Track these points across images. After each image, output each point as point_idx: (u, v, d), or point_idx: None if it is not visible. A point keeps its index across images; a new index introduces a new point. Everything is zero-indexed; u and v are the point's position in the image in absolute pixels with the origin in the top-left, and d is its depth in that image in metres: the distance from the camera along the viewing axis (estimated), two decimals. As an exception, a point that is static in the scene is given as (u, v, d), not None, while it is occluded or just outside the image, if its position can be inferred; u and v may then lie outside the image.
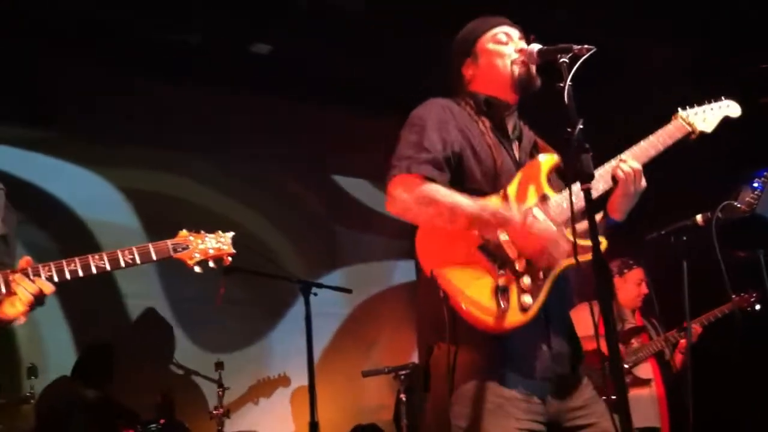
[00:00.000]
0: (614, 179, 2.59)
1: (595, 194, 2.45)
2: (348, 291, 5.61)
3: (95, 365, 5.11)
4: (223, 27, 5.62)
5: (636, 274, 5.15)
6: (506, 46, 2.70)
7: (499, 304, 2.33)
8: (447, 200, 2.42)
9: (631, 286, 5.13)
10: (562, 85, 2.30)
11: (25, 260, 2.40)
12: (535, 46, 2.61)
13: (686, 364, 4.74)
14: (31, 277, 2.34)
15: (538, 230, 2.41)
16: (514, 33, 2.74)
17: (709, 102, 2.90)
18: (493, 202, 2.48)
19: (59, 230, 5.54)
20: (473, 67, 2.73)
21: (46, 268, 2.37)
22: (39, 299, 2.35)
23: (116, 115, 5.75)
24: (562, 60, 2.36)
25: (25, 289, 2.32)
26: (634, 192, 2.60)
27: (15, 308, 2.36)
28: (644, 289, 5.12)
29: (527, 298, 2.37)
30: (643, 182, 2.61)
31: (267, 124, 6.38)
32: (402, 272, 6.80)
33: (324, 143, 6.66)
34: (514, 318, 2.35)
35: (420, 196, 2.43)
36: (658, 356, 5.00)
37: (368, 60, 5.92)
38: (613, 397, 2.19)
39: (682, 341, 4.96)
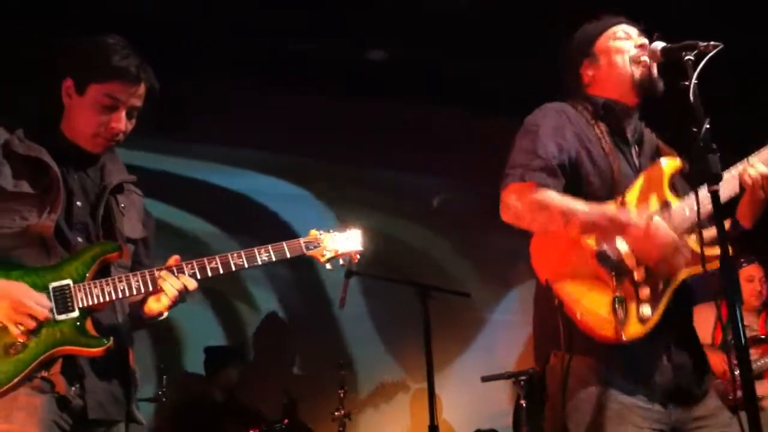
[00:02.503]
0: (741, 185, 2.48)
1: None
2: (467, 295, 5.61)
3: (224, 366, 5.31)
4: (338, 34, 5.73)
5: (749, 271, 4.89)
6: (626, 44, 2.64)
7: (616, 315, 2.28)
8: (560, 205, 2.39)
9: (742, 284, 4.85)
10: (687, 83, 2.24)
11: (173, 258, 2.51)
12: (659, 44, 2.54)
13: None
14: (176, 274, 2.46)
15: (658, 237, 2.34)
16: (633, 31, 2.67)
17: None
18: (610, 207, 2.43)
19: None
20: (592, 68, 2.67)
21: (189, 265, 2.48)
22: (182, 295, 2.46)
23: (239, 122, 5.96)
24: (687, 58, 2.29)
25: (171, 286, 2.44)
26: (763, 198, 2.47)
27: (160, 304, 2.48)
28: (758, 287, 4.85)
29: (646, 309, 2.32)
30: None
31: (390, 128, 6.44)
32: (521, 276, 6.73)
33: (442, 145, 6.66)
34: (633, 329, 2.30)
35: (532, 203, 2.41)
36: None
37: (485, 61, 5.90)
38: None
39: None
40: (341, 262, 2.64)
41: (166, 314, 2.55)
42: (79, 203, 2.51)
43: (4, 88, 4.81)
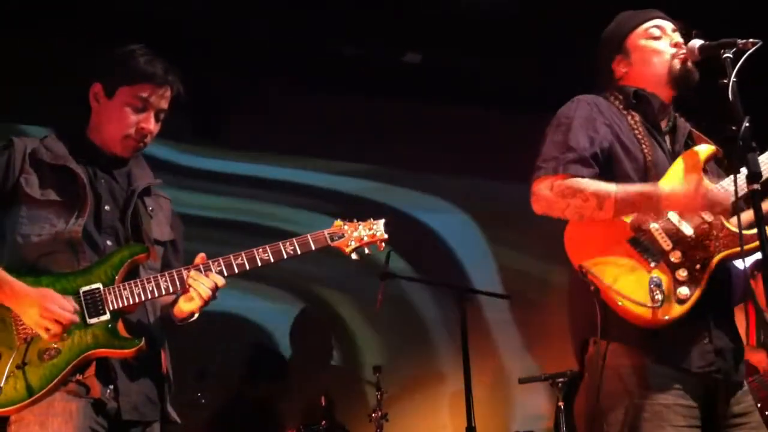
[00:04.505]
0: None
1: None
2: (505, 297, 5.57)
3: (264, 367, 5.35)
4: (376, 37, 5.73)
5: None
6: (660, 41, 2.61)
7: (654, 297, 2.25)
8: (593, 188, 2.38)
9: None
10: (726, 81, 2.21)
11: (200, 257, 2.53)
12: (696, 42, 2.51)
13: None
14: (203, 272, 2.47)
15: (708, 196, 2.32)
16: (668, 26, 2.64)
17: None
18: (644, 184, 2.40)
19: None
20: (625, 63, 2.64)
21: (216, 263, 2.49)
22: (213, 293, 2.47)
23: (278, 125, 6.00)
24: (725, 56, 2.27)
25: (202, 284, 2.45)
26: None
27: (191, 303, 2.49)
28: None
29: (684, 290, 2.29)
30: None
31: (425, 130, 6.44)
32: (561, 277, 6.66)
33: (479, 147, 6.63)
34: (671, 310, 2.27)
35: (563, 189, 2.40)
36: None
37: (521, 62, 5.86)
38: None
39: None
40: (367, 251, 2.62)
41: (197, 314, 2.56)
42: (107, 207, 2.55)
43: (32, 96, 4.90)
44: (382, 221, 2.65)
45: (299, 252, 2.52)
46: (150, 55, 2.59)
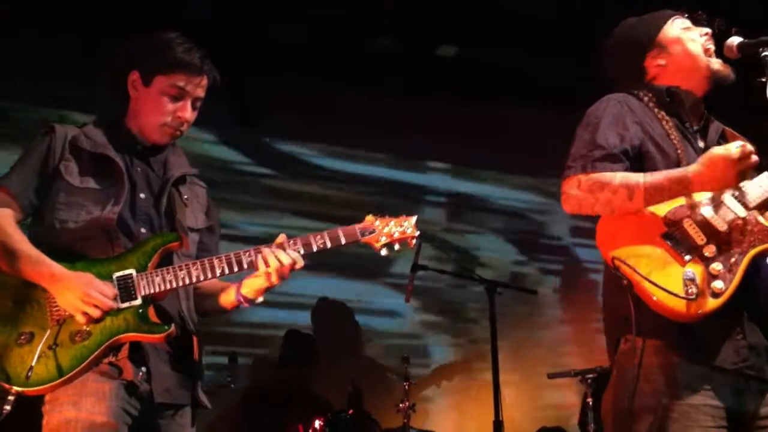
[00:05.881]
0: None
1: None
2: (533, 292, 5.55)
3: (296, 353, 5.38)
4: (411, 30, 5.72)
5: None
6: (693, 33, 2.60)
7: (688, 291, 2.23)
8: (621, 180, 2.36)
9: None
10: (764, 80, 2.20)
11: (282, 237, 2.55)
12: (735, 39, 2.48)
13: None
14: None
15: (723, 161, 2.30)
16: (689, 22, 2.63)
17: None
18: (671, 170, 2.38)
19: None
20: (662, 57, 2.61)
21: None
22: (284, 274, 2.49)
23: (309, 117, 6.03)
24: (764, 54, 2.26)
25: (278, 259, 2.47)
26: None
27: (260, 281, 2.52)
28: None
29: (719, 283, 2.26)
30: None
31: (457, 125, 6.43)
32: (591, 273, 6.64)
33: (512, 144, 6.61)
34: (705, 304, 2.24)
35: (590, 185, 2.39)
36: None
37: (555, 60, 5.81)
38: None
39: None
40: (396, 247, 2.62)
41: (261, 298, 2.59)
42: (142, 195, 2.59)
43: (71, 85, 4.98)
44: (414, 218, 2.65)
45: (329, 246, 2.54)
46: (187, 44, 2.62)
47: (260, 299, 2.60)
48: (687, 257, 2.30)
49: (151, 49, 2.62)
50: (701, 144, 2.57)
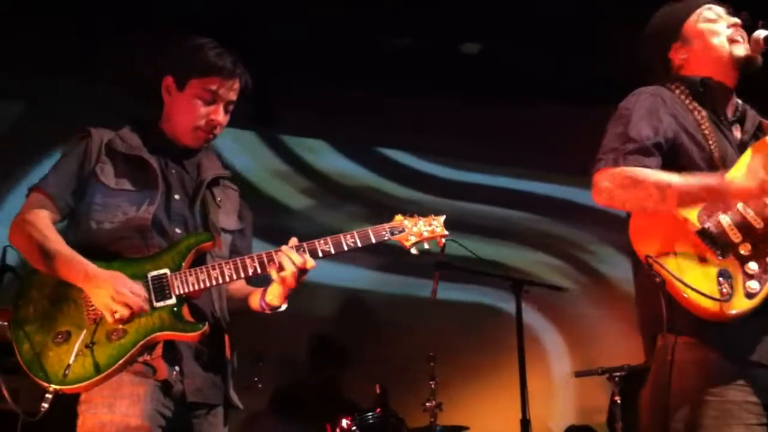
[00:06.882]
0: None
1: None
2: (562, 289, 5.53)
3: (324, 354, 5.41)
4: (433, 28, 5.72)
5: None
6: (717, 24, 2.56)
7: (722, 290, 2.21)
8: (654, 179, 2.32)
9: None
10: None
11: (293, 240, 2.57)
12: (762, 33, 2.46)
13: None
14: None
15: None
16: (721, 10, 2.59)
17: None
18: (708, 177, 2.33)
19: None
20: (684, 50, 2.59)
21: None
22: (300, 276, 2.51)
23: (329, 117, 6.06)
24: None
25: (291, 260, 2.49)
26: None
27: (277, 286, 2.54)
28: None
29: (754, 284, 2.23)
30: None
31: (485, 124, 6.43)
32: (619, 270, 6.61)
33: (535, 141, 6.60)
34: (739, 304, 2.22)
35: (623, 180, 2.35)
36: None
37: (578, 59, 5.80)
38: None
39: None
40: (426, 246, 2.64)
41: (284, 305, 2.61)
42: (177, 197, 2.63)
43: (108, 89, 5.05)
44: (442, 217, 2.66)
45: (359, 245, 2.55)
46: (219, 48, 2.66)
47: (284, 306, 2.61)
48: (721, 256, 2.27)
49: (184, 54, 2.66)
50: (738, 134, 2.54)
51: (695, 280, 2.24)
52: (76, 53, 5.29)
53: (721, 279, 2.23)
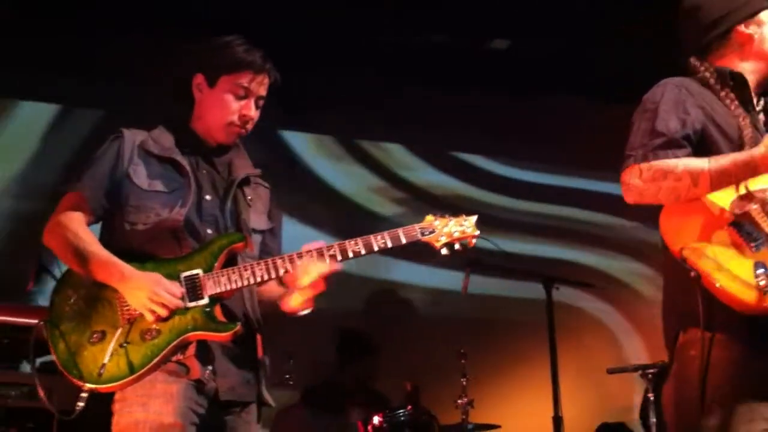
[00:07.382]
0: None
1: None
2: (591, 285, 5.49)
3: (356, 350, 5.42)
4: (466, 24, 5.70)
5: None
6: None
7: (758, 284, 2.16)
8: (685, 166, 2.30)
9: None
10: None
11: (305, 247, 2.56)
12: None
13: None
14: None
15: None
16: None
17: None
18: (737, 153, 2.32)
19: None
20: (753, 29, 2.52)
21: (309, 254, 2.53)
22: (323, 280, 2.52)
23: (358, 113, 6.08)
24: None
25: (316, 268, 2.50)
26: None
27: (303, 293, 2.55)
28: None
29: None
30: None
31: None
32: (650, 267, 6.56)
33: (566, 136, 6.56)
34: None
35: (652, 173, 2.33)
36: None
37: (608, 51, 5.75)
38: None
39: None
40: (457, 247, 2.62)
41: (309, 308, 2.61)
42: (208, 197, 2.64)
43: (139, 89, 5.09)
44: (474, 217, 2.64)
45: (390, 245, 2.55)
46: (248, 44, 2.69)
47: (307, 311, 2.62)
48: (756, 248, 2.23)
49: (213, 51, 2.69)
50: (765, 126, 2.50)
51: (732, 271, 2.20)
52: (76, 53, 5.32)
53: (757, 272, 2.19)
